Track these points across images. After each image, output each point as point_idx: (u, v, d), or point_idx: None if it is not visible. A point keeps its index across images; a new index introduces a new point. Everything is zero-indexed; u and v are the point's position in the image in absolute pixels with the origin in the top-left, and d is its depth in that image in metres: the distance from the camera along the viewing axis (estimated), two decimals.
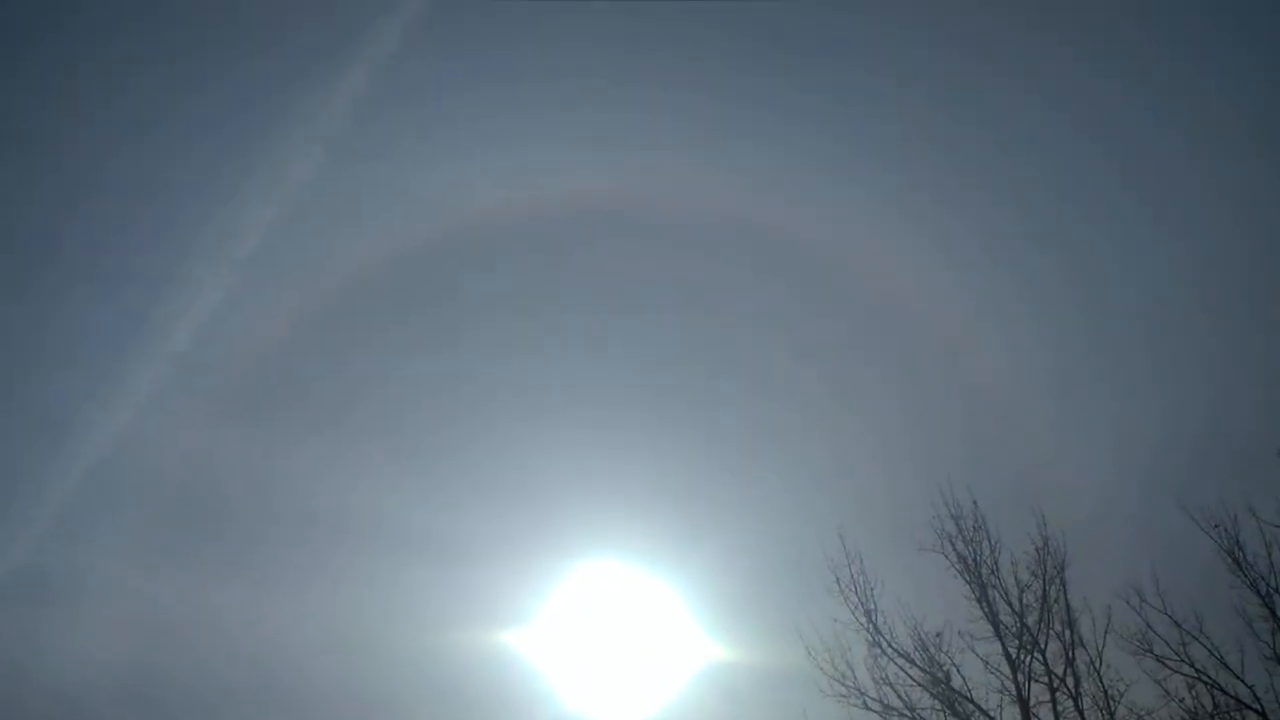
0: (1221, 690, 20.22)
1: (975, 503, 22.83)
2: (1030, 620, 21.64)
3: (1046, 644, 21.44)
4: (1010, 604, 21.87)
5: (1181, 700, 20.51)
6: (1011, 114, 32.96)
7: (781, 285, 33.75)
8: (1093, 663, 21.19)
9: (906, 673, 21.67)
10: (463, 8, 31.35)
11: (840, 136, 33.22)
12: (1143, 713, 20.67)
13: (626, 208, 32.35)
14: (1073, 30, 32.02)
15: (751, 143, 33.91)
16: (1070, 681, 21.09)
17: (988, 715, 21.17)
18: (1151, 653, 20.94)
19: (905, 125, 32.73)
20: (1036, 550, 22.17)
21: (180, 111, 32.68)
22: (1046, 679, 21.17)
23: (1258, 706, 19.87)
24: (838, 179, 33.50)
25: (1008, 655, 21.45)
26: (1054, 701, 21.00)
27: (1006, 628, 21.72)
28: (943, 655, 21.70)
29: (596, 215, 32.67)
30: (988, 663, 21.55)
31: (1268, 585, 20.64)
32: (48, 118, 32.13)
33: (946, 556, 22.58)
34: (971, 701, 21.29)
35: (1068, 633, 21.56)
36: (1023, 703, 21.01)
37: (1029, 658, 21.36)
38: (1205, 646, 20.56)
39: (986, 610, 21.90)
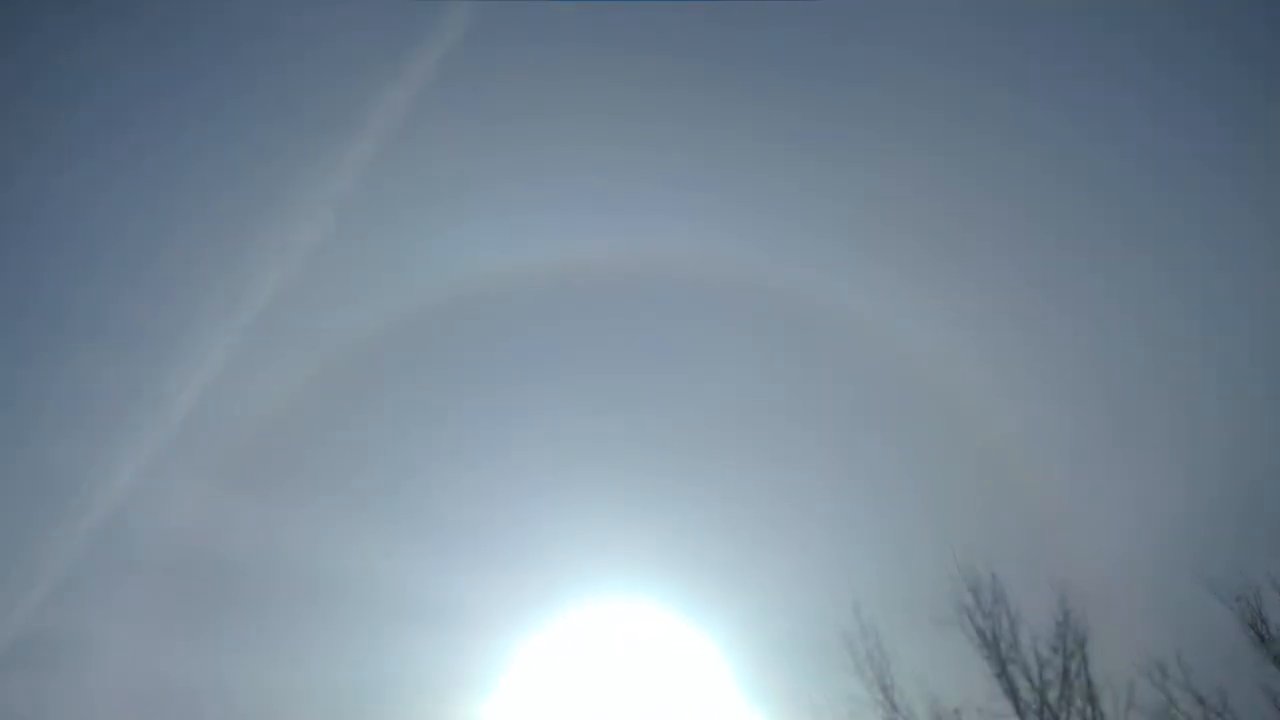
0: None
1: (994, 575, 22.49)
2: (1051, 697, 21.20)
3: None
4: (1030, 680, 21.44)
5: None
6: (1028, 178, 33.05)
7: (789, 349, 33.66)
8: None
9: None
10: (470, 78, 31.61)
11: (850, 198, 33.28)
12: None
13: (635, 274, 32.41)
14: (1094, 90, 32.20)
15: (758, 207, 34.05)
16: None
17: None
18: None
19: (918, 186, 32.81)
20: (1057, 624, 21.81)
21: (189, 175, 32.86)
22: None
23: None
24: (847, 241, 33.52)
25: None
26: None
27: (1027, 704, 21.28)
28: None
29: (606, 281, 32.72)
30: None
31: None
32: (56, 182, 32.24)
33: (965, 631, 22.19)
34: None
35: (1090, 709, 21.12)
36: None
37: None
38: None
39: (1006, 686, 21.46)
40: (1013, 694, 21.36)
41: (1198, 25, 31.10)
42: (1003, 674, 21.61)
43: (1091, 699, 21.15)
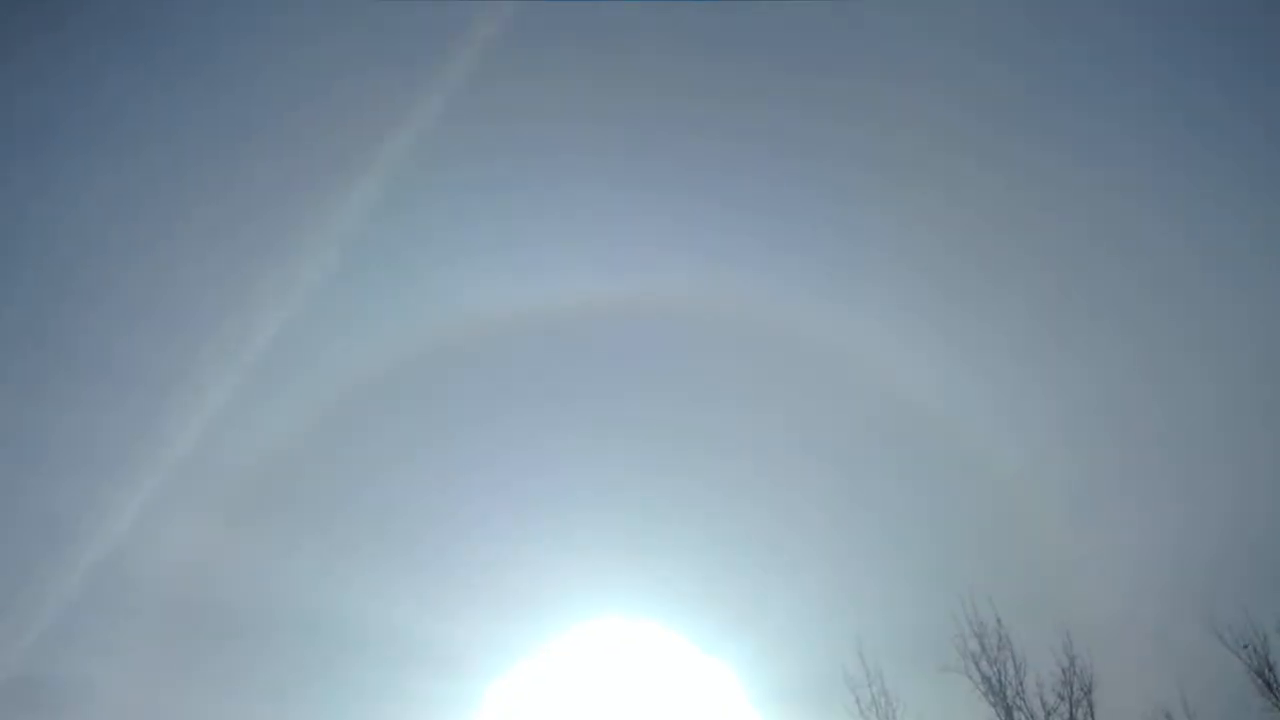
0: None
1: (999, 620, 22.35)
2: None
3: None
4: None
5: None
6: (1034, 216, 33.17)
7: (796, 385, 33.60)
8: None
9: None
10: (472, 117, 31.82)
11: (854, 234, 33.42)
12: None
13: (640, 308, 32.46)
14: (1101, 123, 32.36)
15: (762, 244, 34.17)
16: None
17: None
18: None
19: (923, 223, 32.94)
20: (1063, 670, 21.69)
21: (193, 214, 32.93)
22: None
23: None
24: (853, 279, 33.60)
25: None
26: None
27: None
28: None
29: (611, 314, 32.76)
30: None
31: None
32: (61, 220, 32.35)
33: (970, 676, 22.04)
34: None
35: None
36: None
37: None
38: None
39: None
40: None
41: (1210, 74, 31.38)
42: None
43: None
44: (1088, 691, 21.39)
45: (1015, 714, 21.46)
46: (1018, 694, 21.63)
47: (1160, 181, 32.74)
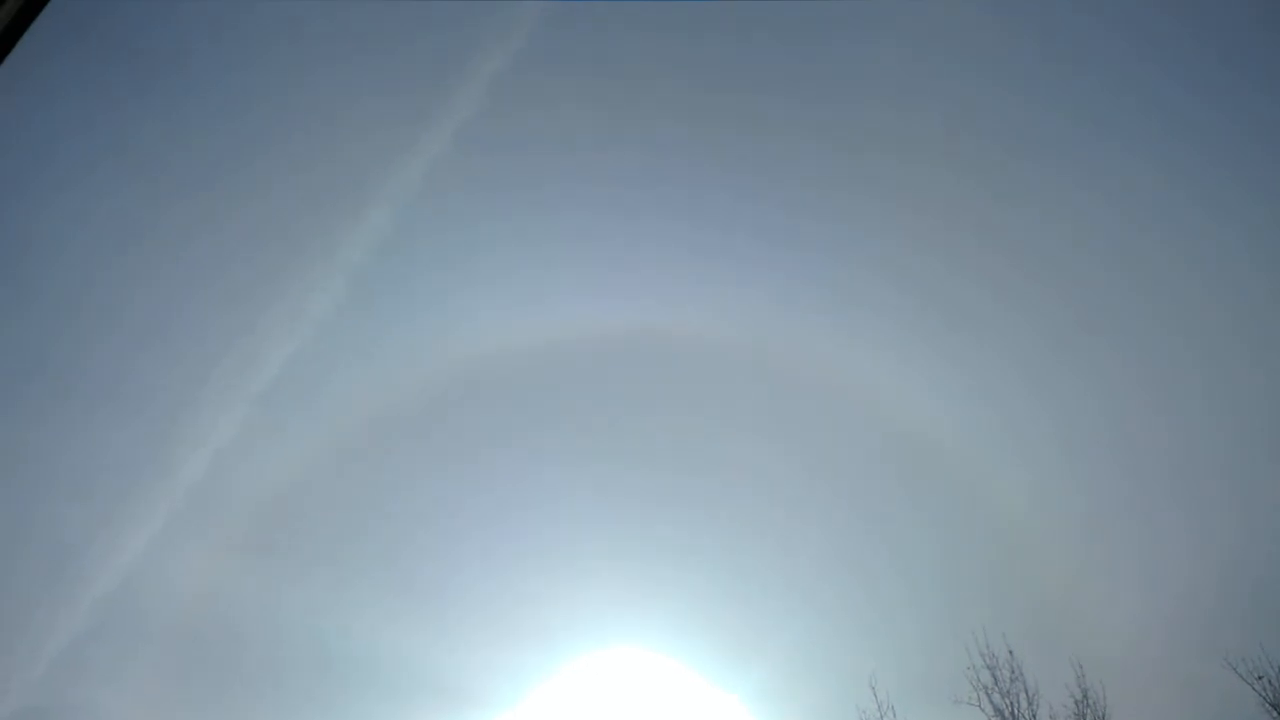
0: None
1: (1011, 652, 22.37)
2: None
3: None
4: None
5: None
6: (1037, 240, 33.27)
7: (801, 416, 33.67)
8: None
9: None
10: (483, 148, 32.03)
11: (856, 261, 33.53)
12: None
13: (650, 339, 32.61)
14: (1106, 144, 32.43)
15: (770, 274, 34.26)
16: None
17: None
18: None
19: (926, 251, 33.03)
20: (1076, 702, 21.69)
21: (201, 242, 33.06)
22: None
23: None
24: (859, 306, 33.67)
25: None
26: None
27: None
28: None
29: (619, 347, 32.92)
30: None
31: None
32: (68, 247, 32.52)
33: (983, 709, 22.02)
34: None
35: None
36: None
37: None
38: None
39: None
40: None
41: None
42: None
43: None
44: None
45: None
46: None
47: (1164, 199, 32.75)
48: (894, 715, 22.22)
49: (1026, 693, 21.93)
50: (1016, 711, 21.76)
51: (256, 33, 31.81)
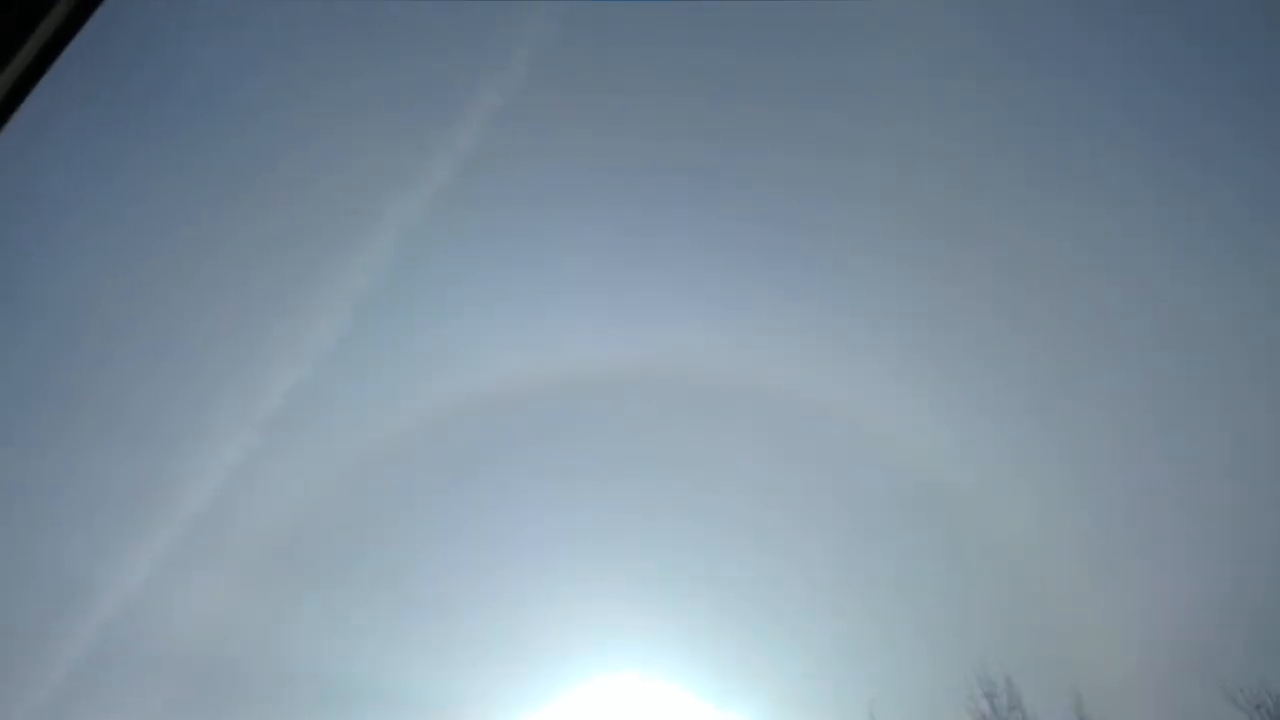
0: None
1: (1009, 680, 22.44)
2: None
3: None
4: None
5: None
6: (1043, 268, 33.38)
7: (806, 445, 33.76)
8: None
9: None
10: (486, 176, 32.33)
11: (855, 278, 33.62)
12: None
13: (656, 369, 32.79)
14: (1112, 166, 32.51)
15: (764, 304, 34.45)
16: None
17: None
18: None
19: (929, 267, 33.08)
20: None
21: (204, 268, 33.33)
22: None
23: None
24: (854, 325, 33.80)
25: None
26: None
27: None
28: None
29: (625, 377, 33.07)
30: None
31: None
32: (70, 273, 32.80)
33: None
34: None
35: None
36: None
37: None
38: None
39: None
40: None
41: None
42: None
43: None
44: None
45: None
46: None
47: (1165, 211, 32.64)
48: None
49: None
50: None
51: (255, 59, 32.18)
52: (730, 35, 31.79)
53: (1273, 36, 28.84)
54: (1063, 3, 30.84)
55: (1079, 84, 32.67)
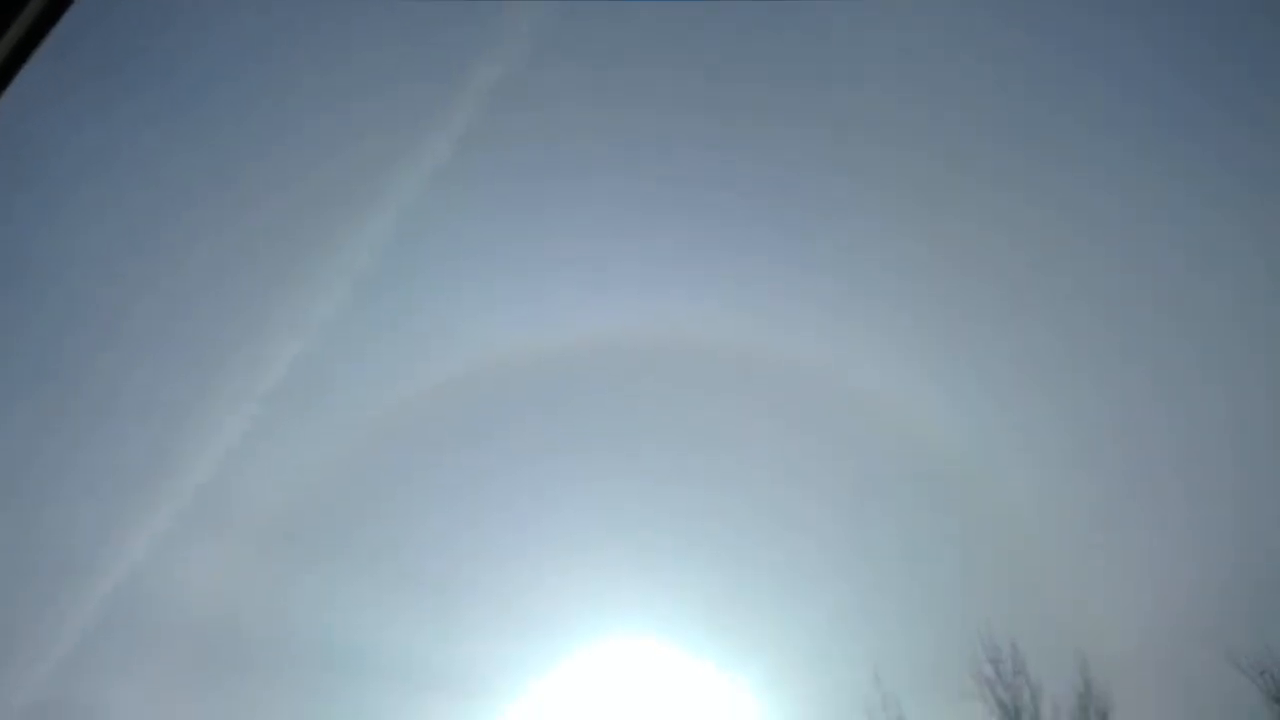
0: None
1: (1014, 646, 22.51)
2: None
3: None
4: None
5: None
6: (1043, 236, 33.19)
7: (810, 410, 33.66)
8: None
9: None
10: (486, 153, 32.06)
11: (861, 259, 33.47)
12: None
13: (660, 339, 32.68)
14: (1115, 144, 32.26)
15: (767, 281, 34.23)
16: None
17: None
18: None
19: (933, 248, 32.93)
20: (1079, 695, 21.82)
21: (207, 245, 33.16)
22: None
23: None
24: (861, 304, 33.66)
25: None
26: None
27: None
28: None
29: (627, 347, 32.97)
30: None
31: None
32: (74, 251, 32.67)
33: (986, 702, 22.16)
34: None
35: None
36: None
37: None
38: None
39: None
40: None
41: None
42: None
43: None
44: (1104, 716, 21.52)
45: None
46: (1034, 718, 21.76)
47: (1171, 198, 32.60)
48: (898, 708, 22.35)
49: (1030, 686, 22.10)
50: (1019, 704, 21.90)
51: (257, 37, 31.84)
52: (734, 11, 31.39)
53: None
54: None
55: (1089, 67, 32.31)
